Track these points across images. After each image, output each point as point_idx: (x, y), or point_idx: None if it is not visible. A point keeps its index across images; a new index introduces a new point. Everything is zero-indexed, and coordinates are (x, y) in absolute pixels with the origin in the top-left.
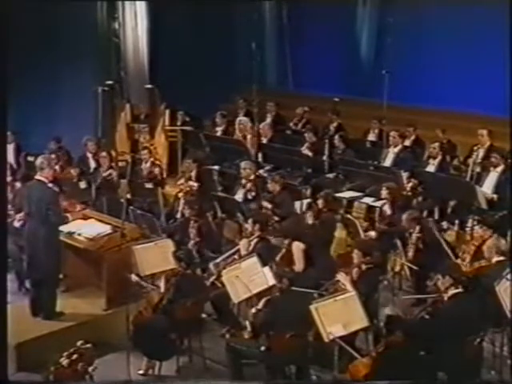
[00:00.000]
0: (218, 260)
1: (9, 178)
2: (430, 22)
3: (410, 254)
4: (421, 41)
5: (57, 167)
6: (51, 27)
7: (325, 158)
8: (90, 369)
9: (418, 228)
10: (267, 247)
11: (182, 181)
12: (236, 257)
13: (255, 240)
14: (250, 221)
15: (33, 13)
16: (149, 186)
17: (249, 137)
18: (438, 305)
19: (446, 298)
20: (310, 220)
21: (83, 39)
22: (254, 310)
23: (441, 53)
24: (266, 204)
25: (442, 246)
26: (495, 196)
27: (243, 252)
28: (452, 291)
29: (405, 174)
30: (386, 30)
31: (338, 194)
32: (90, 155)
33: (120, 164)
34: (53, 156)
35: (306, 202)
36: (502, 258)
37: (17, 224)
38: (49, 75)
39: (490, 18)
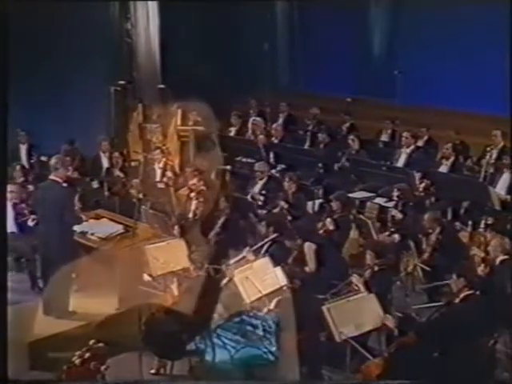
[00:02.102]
0: (230, 262)
1: (21, 179)
2: (442, 22)
3: (427, 254)
4: (433, 41)
5: (70, 168)
6: (63, 27)
7: (338, 157)
8: (103, 368)
9: (438, 229)
10: (280, 249)
11: (194, 181)
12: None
13: (268, 243)
14: (263, 223)
15: (45, 13)
16: (161, 185)
17: (261, 137)
18: (450, 306)
19: (458, 300)
20: (330, 226)
21: (95, 39)
22: (265, 310)
23: (453, 53)
24: (282, 203)
25: (458, 247)
26: (509, 197)
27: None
28: (465, 293)
29: (417, 175)
30: (398, 30)
31: (350, 195)
32: (102, 155)
33: (132, 164)
34: (67, 158)
35: (318, 202)
36: (507, 257)
37: (31, 223)
38: (61, 75)
39: (490, 18)
